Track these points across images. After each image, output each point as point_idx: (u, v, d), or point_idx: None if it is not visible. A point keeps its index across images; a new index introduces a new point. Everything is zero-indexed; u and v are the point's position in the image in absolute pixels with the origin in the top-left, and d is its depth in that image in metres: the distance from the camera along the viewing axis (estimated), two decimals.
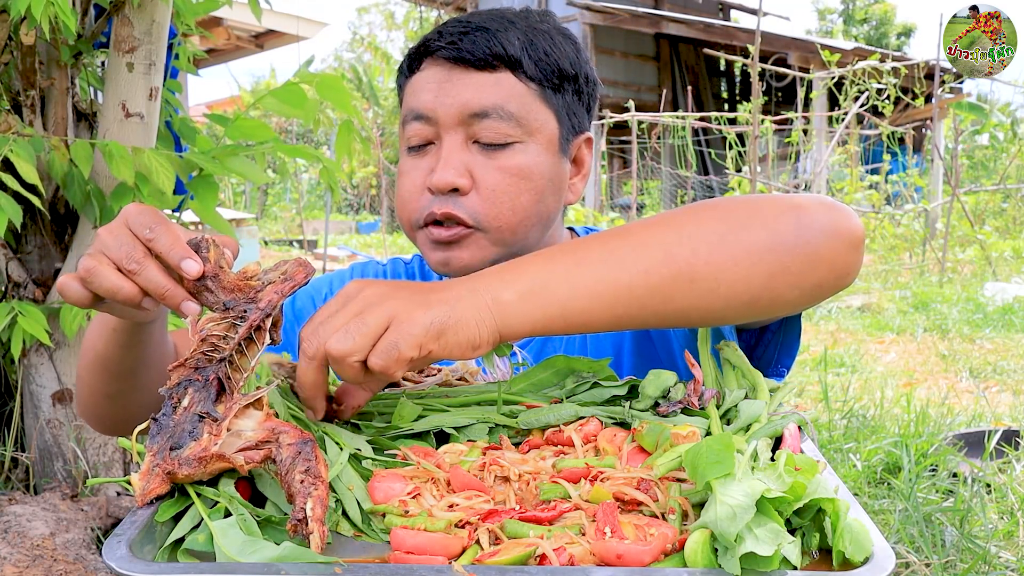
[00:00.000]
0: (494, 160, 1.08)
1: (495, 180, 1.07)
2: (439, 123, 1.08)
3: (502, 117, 1.07)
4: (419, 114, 1.10)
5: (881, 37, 25.59)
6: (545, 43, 1.10)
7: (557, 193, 1.14)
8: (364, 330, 0.76)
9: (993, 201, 11.61)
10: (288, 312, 1.24)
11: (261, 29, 9.09)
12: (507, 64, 1.08)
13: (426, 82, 1.10)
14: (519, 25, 1.10)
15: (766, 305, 0.85)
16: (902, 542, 2.36)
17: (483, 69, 1.08)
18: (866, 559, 0.62)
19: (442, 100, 1.08)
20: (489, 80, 1.08)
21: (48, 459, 2.51)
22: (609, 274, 0.81)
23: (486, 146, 1.08)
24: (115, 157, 2.11)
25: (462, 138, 1.08)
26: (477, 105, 1.07)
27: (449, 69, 1.09)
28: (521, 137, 1.08)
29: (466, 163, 1.07)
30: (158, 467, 0.72)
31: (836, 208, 0.86)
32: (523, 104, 1.08)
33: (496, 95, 1.07)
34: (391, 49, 27.02)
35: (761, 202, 0.86)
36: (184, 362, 0.77)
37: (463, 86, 1.08)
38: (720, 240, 0.83)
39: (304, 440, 0.72)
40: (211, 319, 0.78)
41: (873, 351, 5.85)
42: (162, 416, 0.75)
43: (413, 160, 1.12)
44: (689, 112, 11.54)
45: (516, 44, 1.08)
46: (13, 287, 2.40)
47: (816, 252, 0.83)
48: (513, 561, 0.63)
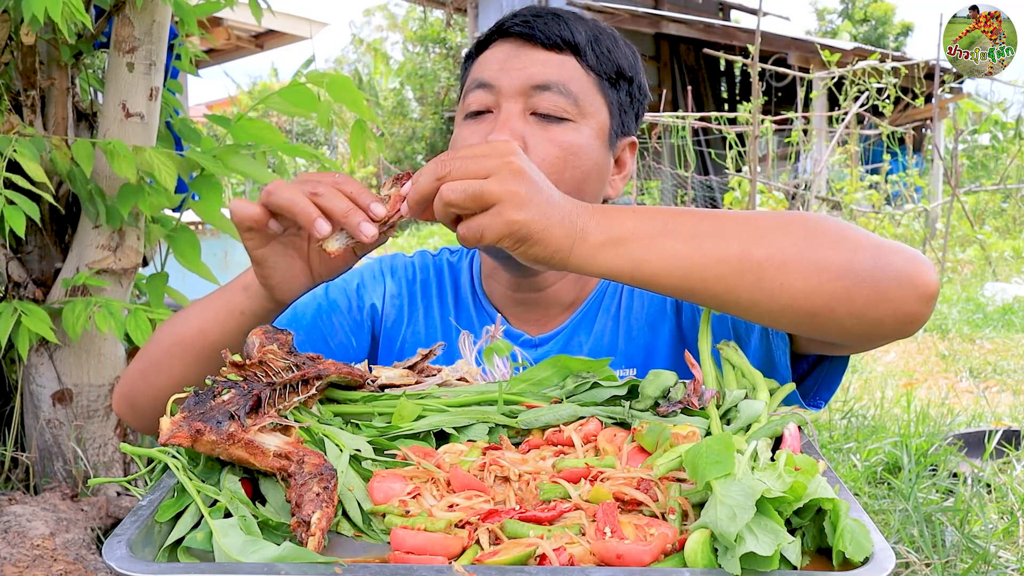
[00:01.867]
0: (547, 132, 1.12)
1: (546, 150, 1.11)
2: (500, 92, 1.13)
3: (562, 93, 1.12)
4: (482, 82, 1.15)
5: (880, 37, 25.60)
6: (609, 42, 1.17)
7: (599, 181, 1.18)
8: (474, 193, 0.82)
9: (993, 201, 11.61)
10: (322, 299, 1.27)
11: (261, 29, 9.09)
12: (573, 50, 1.14)
13: (494, 56, 1.16)
14: (588, 23, 1.17)
15: (823, 323, 0.88)
16: (902, 542, 2.36)
17: (550, 49, 1.14)
18: (866, 559, 0.62)
19: (507, 71, 1.13)
20: (556, 59, 1.14)
21: (48, 459, 2.51)
22: (687, 251, 0.87)
23: (542, 117, 1.12)
24: (117, 155, 2.11)
25: (520, 108, 1.13)
26: (541, 78, 1.12)
27: (519, 46, 1.15)
28: (576, 117, 1.13)
29: (521, 131, 1.11)
30: (189, 422, 0.74)
31: (917, 259, 0.89)
32: (582, 87, 1.14)
33: (559, 73, 1.13)
34: (392, 51, 27.05)
35: (849, 231, 0.90)
36: (240, 367, 0.81)
37: (530, 60, 1.14)
38: (797, 253, 0.87)
39: (329, 467, 0.75)
40: (274, 352, 0.85)
41: (873, 351, 5.85)
42: (204, 394, 0.78)
43: (470, 126, 1.16)
44: (689, 112, 11.54)
45: (583, 35, 1.15)
46: (13, 287, 2.40)
47: (884, 292, 0.87)
48: (513, 561, 0.63)
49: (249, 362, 0.83)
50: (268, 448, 0.76)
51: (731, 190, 9.85)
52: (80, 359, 2.49)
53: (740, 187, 9.46)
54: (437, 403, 0.91)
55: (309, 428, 0.83)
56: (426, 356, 1.01)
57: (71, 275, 2.39)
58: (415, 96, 25.71)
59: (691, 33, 15.02)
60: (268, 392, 0.81)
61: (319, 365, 0.87)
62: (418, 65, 25.52)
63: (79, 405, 2.51)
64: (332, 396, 0.91)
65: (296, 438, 0.80)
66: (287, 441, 0.78)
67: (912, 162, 12.66)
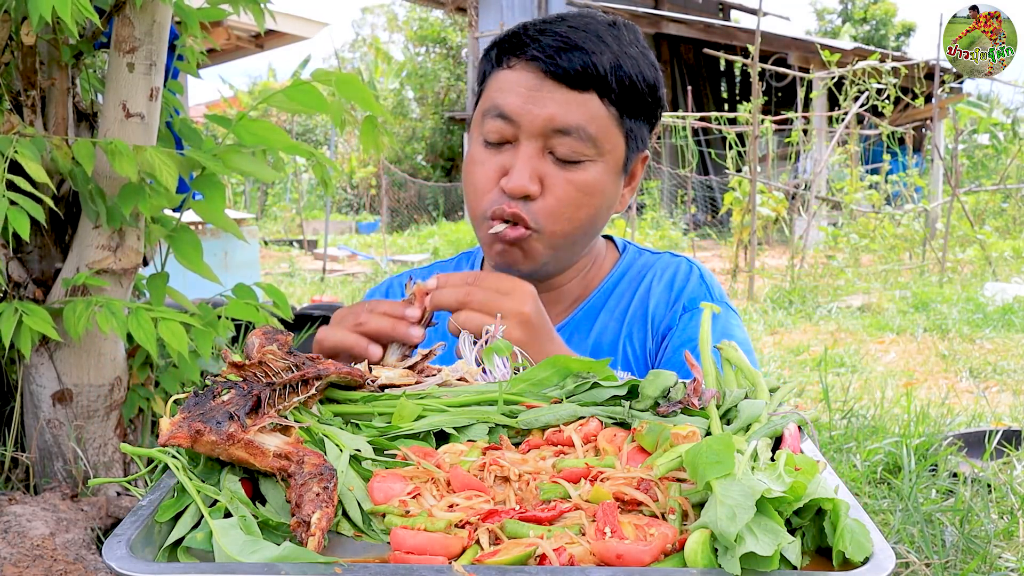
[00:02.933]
0: (565, 172, 1.15)
1: (563, 191, 1.15)
2: (521, 128, 1.14)
3: (582, 138, 1.14)
4: (504, 114, 1.15)
5: (881, 39, 25.59)
6: (632, 69, 1.16)
7: (610, 209, 1.23)
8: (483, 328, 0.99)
9: (993, 201, 11.62)
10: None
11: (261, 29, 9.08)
12: (596, 87, 1.14)
13: (515, 84, 1.15)
14: (612, 46, 1.15)
15: None
16: (902, 542, 2.36)
17: (574, 88, 1.14)
18: (866, 559, 0.62)
19: (529, 108, 1.14)
20: (577, 99, 1.14)
21: (48, 459, 2.52)
22: None
23: (560, 158, 1.15)
24: (118, 154, 2.11)
25: (539, 147, 1.15)
26: (562, 122, 1.13)
27: (542, 79, 1.14)
28: (594, 157, 1.16)
29: (539, 171, 1.15)
30: (188, 423, 0.75)
31: None
32: (602, 127, 1.15)
33: (581, 115, 1.14)
34: (392, 50, 27.02)
35: None
36: (239, 368, 0.82)
37: (552, 100, 1.13)
38: None
39: (329, 467, 0.75)
40: (274, 352, 0.85)
41: (873, 351, 5.85)
42: (203, 394, 0.79)
43: (488, 153, 1.18)
44: (689, 112, 11.54)
45: (607, 62, 1.14)
46: (13, 287, 2.40)
47: None
48: (513, 561, 0.63)
49: (249, 362, 0.83)
50: (268, 448, 0.76)
51: (731, 190, 9.85)
52: (80, 359, 2.49)
53: (740, 187, 9.46)
54: (437, 403, 0.91)
55: (309, 428, 0.83)
56: (426, 356, 1.01)
57: (71, 275, 2.39)
58: (415, 96, 25.72)
59: (691, 33, 15.03)
60: (268, 392, 0.81)
61: (319, 365, 0.87)
62: (418, 65, 25.52)
63: (79, 405, 2.51)
64: (332, 396, 0.91)
65: (296, 438, 0.80)
66: (287, 441, 0.78)
67: (912, 162, 12.66)
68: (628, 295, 1.34)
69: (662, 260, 1.38)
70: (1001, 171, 11.37)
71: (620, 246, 1.42)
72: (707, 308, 0.97)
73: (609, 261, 1.39)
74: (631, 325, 1.32)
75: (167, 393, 2.69)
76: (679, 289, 1.32)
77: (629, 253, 1.40)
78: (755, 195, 8.70)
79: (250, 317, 2.50)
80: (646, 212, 13.70)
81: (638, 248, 1.42)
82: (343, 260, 13.44)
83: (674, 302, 1.32)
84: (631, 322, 1.32)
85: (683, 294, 1.32)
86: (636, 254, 1.40)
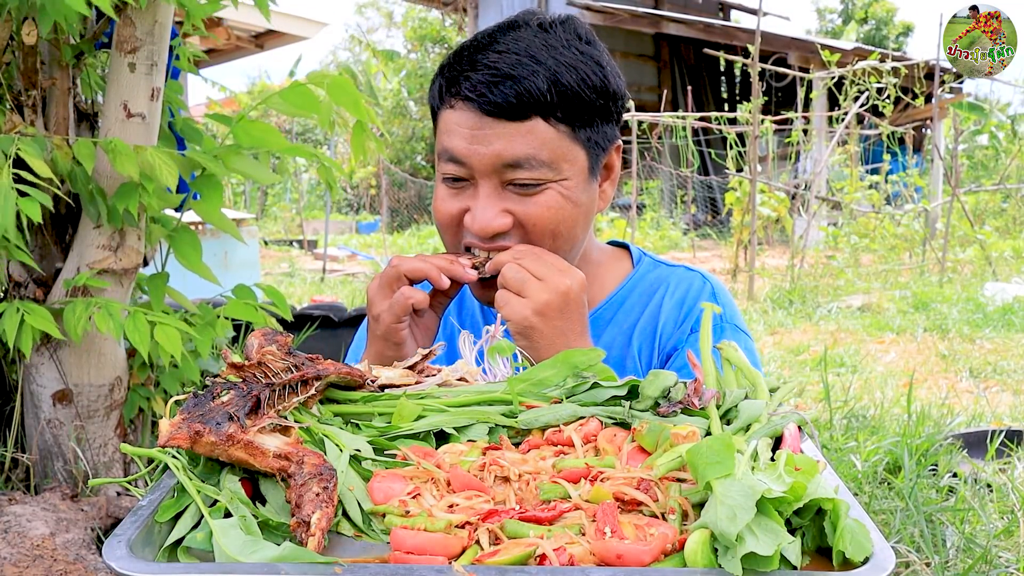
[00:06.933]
0: (531, 199, 1.14)
1: (535, 215, 1.14)
2: (473, 168, 1.13)
3: (535, 166, 1.11)
4: (454, 157, 1.14)
5: (882, 39, 25.58)
6: (572, 79, 1.11)
7: (591, 212, 1.21)
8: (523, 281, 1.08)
9: (993, 201, 11.62)
10: None
11: (261, 29, 9.09)
12: (538, 111, 1.10)
13: (458, 125, 1.13)
14: (545, 62, 1.10)
15: None
16: (902, 542, 2.36)
17: (513, 119, 1.10)
18: (866, 559, 0.62)
19: (475, 149, 1.12)
20: (520, 130, 1.11)
21: (48, 459, 2.51)
22: None
23: (521, 186, 1.13)
24: (119, 154, 2.11)
25: (496, 183, 1.13)
26: (510, 156, 1.11)
27: (480, 117, 1.11)
28: (553, 177, 1.13)
29: (503, 205, 1.14)
30: (188, 424, 0.75)
31: None
32: (554, 149, 1.12)
33: (528, 145, 1.11)
34: (391, 46, 27.02)
35: None
36: (239, 368, 0.82)
37: (495, 136, 1.11)
38: None
39: (329, 467, 0.75)
40: (273, 353, 0.86)
41: (873, 351, 5.85)
42: (203, 395, 0.79)
43: (449, 190, 1.18)
44: (689, 112, 11.54)
45: (543, 81, 1.09)
46: (14, 287, 2.40)
47: None
48: (513, 561, 0.63)
49: (248, 363, 0.83)
50: (268, 449, 0.76)
51: (731, 190, 9.85)
52: (81, 359, 2.49)
53: (740, 187, 9.46)
54: (437, 403, 0.91)
55: (309, 428, 0.83)
56: (426, 356, 1.01)
57: (72, 275, 2.39)
58: (415, 96, 25.70)
59: (691, 33, 15.02)
60: (267, 393, 0.81)
61: (318, 365, 0.87)
62: (418, 65, 25.50)
63: (79, 405, 2.51)
64: (332, 396, 0.91)
65: (296, 438, 0.80)
66: (287, 442, 0.78)
67: (912, 162, 12.66)
68: (638, 310, 1.31)
69: (676, 274, 1.34)
70: (1001, 171, 11.37)
71: (635, 257, 1.37)
72: (708, 308, 0.97)
73: (620, 272, 1.35)
74: (639, 340, 1.29)
75: (167, 393, 2.69)
76: (689, 307, 1.29)
77: (643, 266, 1.36)
78: (755, 195, 8.70)
79: (249, 317, 2.50)
80: (646, 212, 13.70)
81: (654, 260, 1.38)
82: (343, 260, 13.43)
83: (683, 320, 1.28)
84: (639, 337, 1.29)
85: (693, 313, 1.28)
86: (650, 267, 1.36)
